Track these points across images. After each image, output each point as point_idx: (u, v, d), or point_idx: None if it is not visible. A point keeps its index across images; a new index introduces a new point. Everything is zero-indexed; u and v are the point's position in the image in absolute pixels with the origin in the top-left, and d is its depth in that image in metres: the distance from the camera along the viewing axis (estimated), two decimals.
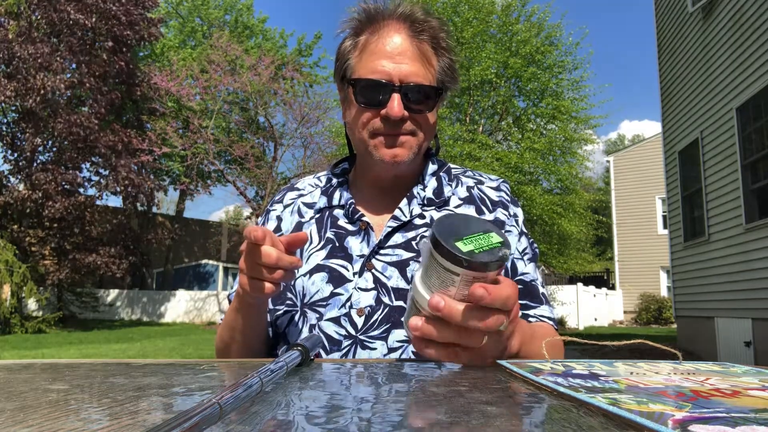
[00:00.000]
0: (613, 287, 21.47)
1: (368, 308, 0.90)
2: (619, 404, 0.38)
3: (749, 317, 6.97)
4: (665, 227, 13.33)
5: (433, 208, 0.99)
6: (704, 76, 8.16)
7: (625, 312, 19.60)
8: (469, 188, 1.03)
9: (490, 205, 1.00)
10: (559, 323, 15.62)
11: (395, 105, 0.89)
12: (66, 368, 0.62)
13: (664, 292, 18.79)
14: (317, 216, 1.01)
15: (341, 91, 1.00)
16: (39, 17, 13.90)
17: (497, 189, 1.04)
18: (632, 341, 0.61)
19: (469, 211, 0.98)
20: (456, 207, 0.99)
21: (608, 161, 21.44)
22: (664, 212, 16.88)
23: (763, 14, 6.58)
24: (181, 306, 19.35)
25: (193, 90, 15.72)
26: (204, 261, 23.05)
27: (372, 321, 0.89)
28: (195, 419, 0.31)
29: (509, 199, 1.04)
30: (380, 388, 0.49)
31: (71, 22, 13.64)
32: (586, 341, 0.59)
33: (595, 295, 18.04)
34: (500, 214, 1.00)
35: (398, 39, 0.92)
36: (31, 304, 16.08)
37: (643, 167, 19.52)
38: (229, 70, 15.67)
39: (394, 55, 0.91)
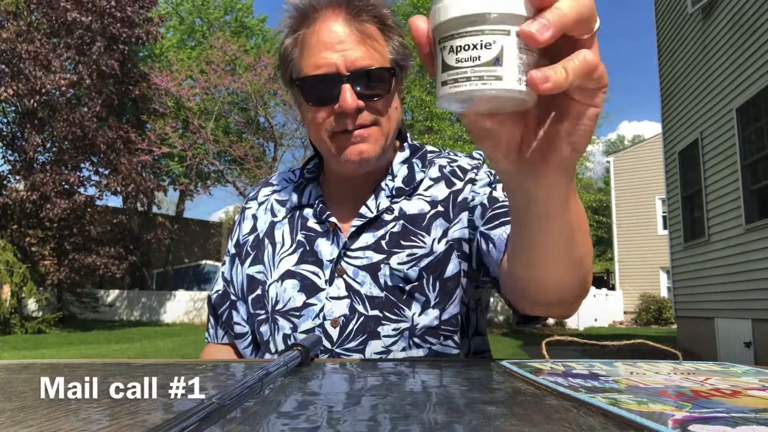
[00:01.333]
0: (613, 288, 21.46)
1: (342, 318, 0.86)
2: (619, 404, 0.38)
3: (749, 318, 6.97)
4: (665, 228, 13.33)
5: (403, 197, 0.93)
6: (704, 76, 8.16)
7: (625, 312, 19.59)
8: (441, 167, 0.98)
9: (461, 174, 0.95)
10: (559, 323, 15.66)
11: (347, 97, 0.82)
12: (66, 368, 0.62)
13: (664, 293, 18.78)
14: (289, 216, 0.98)
15: (293, 96, 0.93)
16: (39, 17, 13.92)
17: (471, 158, 0.99)
18: (632, 341, 0.61)
19: (440, 188, 0.94)
20: (426, 189, 0.94)
21: (608, 161, 21.44)
22: (664, 213, 16.88)
23: (762, 15, 6.58)
24: (180, 306, 19.34)
25: (193, 90, 15.73)
26: (204, 261, 23.05)
27: (347, 332, 0.86)
28: (195, 419, 0.31)
29: (484, 167, 0.98)
30: (380, 388, 0.49)
31: (68, 20, 13.65)
32: (586, 341, 0.59)
33: (594, 296, 18.03)
34: (471, 174, 0.95)
35: (336, 26, 0.85)
36: (31, 305, 16.08)
37: (643, 168, 19.52)
38: (228, 70, 15.67)
39: (334, 44, 0.84)
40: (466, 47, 0.39)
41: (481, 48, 0.39)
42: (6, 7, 13.57)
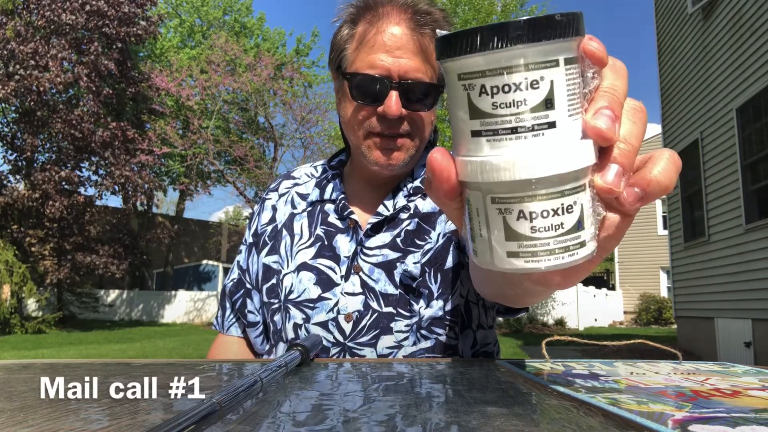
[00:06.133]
0: (613, 288, 21.47)
1: (356, 313, 0.87)
2: (619, 404, 0.38)
3: (749, 317, 6.97)
4: (665, 228, 13.34)
5: (419, 195, 0.95)
6: (704, 76, 8.16)
7: (625, 312, 19.59)
8: None
9: None
10: (559, 323, 15.62)
11: (392, 103, 0.84)
12: (66, 368, 0.62)
13: (664, 293, 18.78)
14: (309, 209, 0.99)
15: (336, 81, 0.95)
16: (38, 17, 13.92)
17: None
18: (632, 341, 0.61)
19: None
20: None
21: None
22: (664, 213, 16.87)
23: (762, 15, 6.59)
24: (180, 306, 19.34)
25: (193, 90, 15.72)
26: (204, 261, 23.04)
27: (360, 327, 0.87)
28: (195, 419, 0.31)
29: None
30: (380, 388, 0.49)
31: (62, 21, 13.66)
32: (586, 341, 0.59)
33: (594, 296, 18.03)
34: None
35: (398, 31, 0.85)
36: (31, 305, 16.09)
37: None
38: (228, 70, 15.67)
39: (393, 48, 0.85)
40: (545, 213, 0.33)
41: (563, 213, 0.33)
42: (3, 6, 13.58)
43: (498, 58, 0.31)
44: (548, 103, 0.32)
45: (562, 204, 0.33)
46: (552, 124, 0.32)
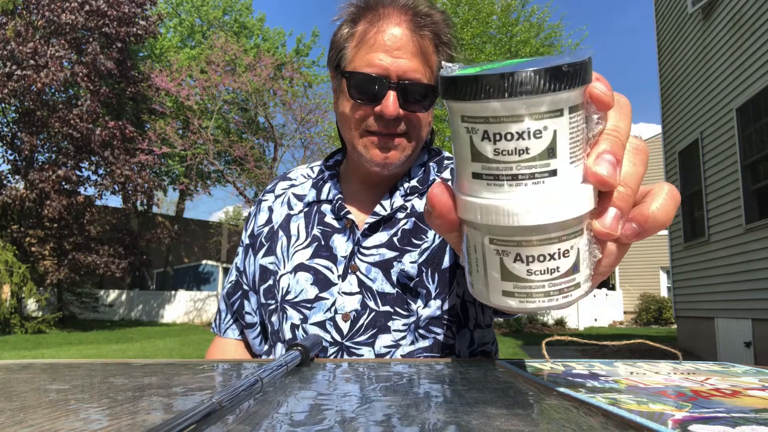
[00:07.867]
0: (613, 287, 21.48)
1: (353, 313, 0.87)
2: (619, 404, 0.38)
3: (749, 317, 6.97)
4: (665, 228, 13.37)
5: (416, 195, 0.95)
6: (704, 76, 8.16)
7: (625, 312, 19.59)
8: (452, 170, 0.99)
9: None
10: (559, 323, 15.63)
11: (390, 103, 0.84)
12: (66, 368, 0.62)
13: (664, 293, 18.79)
14: (306, 210, 0.99)
15: (334, 79, 0.95)
16: (38, 17, 13.93)
17: None
18: (632, 341, 0.61)
19: None
20: None
21: None
22: None
23: (762, 15, 6.59)
24: (180, 306, 19.34)
25: (193, 90, 15.72)
26: (204, 261, 23.05)
27: (358, 326, 0.87)
28: (195, 419, 0.31)
29: None
30: (380, 388, 0.49)
31: (62, 21, 13.67)
32: (586, 341, 0.59)
33: (594, 296, 18.04)
34: None
35: (398, 31, 0.86)
36: (31, 305, 16.08)
37: None
38: (228, 70, 15.67)
39: (392, 49, 0.85)
40: (541, 258, 0.34)
41: (560, 257, 0.34)
42: (3, 6, 13.58)
43: (501, 107, 0.31)
44: (550, 152, 0.32)
45: (559, 249, 0.34)
46: (553, 172, 0.32)
